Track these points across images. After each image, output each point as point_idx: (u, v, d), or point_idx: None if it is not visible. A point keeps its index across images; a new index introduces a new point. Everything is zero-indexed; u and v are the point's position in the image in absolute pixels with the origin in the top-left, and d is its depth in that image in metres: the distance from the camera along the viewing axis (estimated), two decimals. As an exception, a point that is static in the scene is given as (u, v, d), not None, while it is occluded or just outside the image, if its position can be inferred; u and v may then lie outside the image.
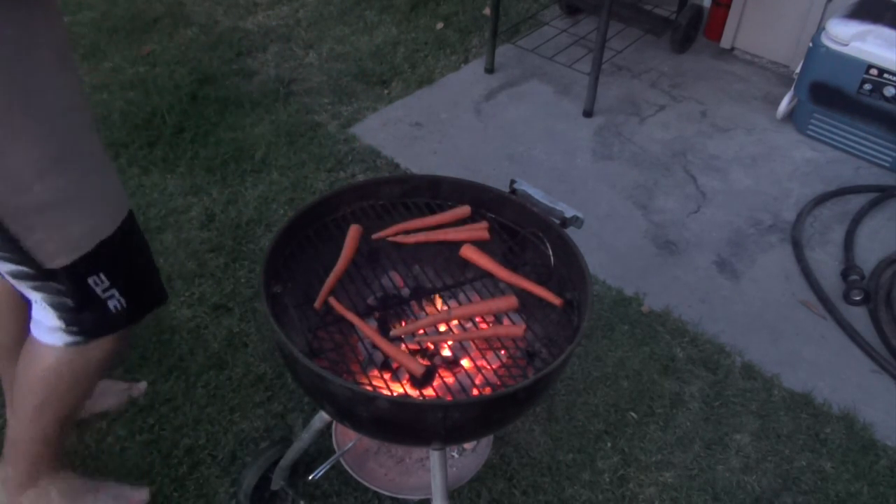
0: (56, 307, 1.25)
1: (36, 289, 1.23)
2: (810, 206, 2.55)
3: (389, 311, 1.34)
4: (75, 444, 1.75)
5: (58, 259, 1.19)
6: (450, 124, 2.87)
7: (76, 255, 1.19)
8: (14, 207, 1.11)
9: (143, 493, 1.64)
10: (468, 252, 1.38)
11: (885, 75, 2.58)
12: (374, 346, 1.26)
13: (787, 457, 1.83)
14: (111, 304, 1.28)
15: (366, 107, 2.92)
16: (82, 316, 1.27)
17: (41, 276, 1.20)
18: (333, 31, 3.36)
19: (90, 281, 1.24)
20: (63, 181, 1.14)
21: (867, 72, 2.61)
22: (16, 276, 1.21)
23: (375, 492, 1.63)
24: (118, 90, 2.89)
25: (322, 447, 1.72)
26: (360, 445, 1.59)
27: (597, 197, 2.58)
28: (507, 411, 1.20)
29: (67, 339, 1.28)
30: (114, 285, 1.27)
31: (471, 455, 1.62)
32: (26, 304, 1.35)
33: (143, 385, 1.85)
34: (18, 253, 1.17)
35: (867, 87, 2.63)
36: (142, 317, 1.35)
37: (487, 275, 1.38)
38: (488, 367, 1.26)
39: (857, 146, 2.77)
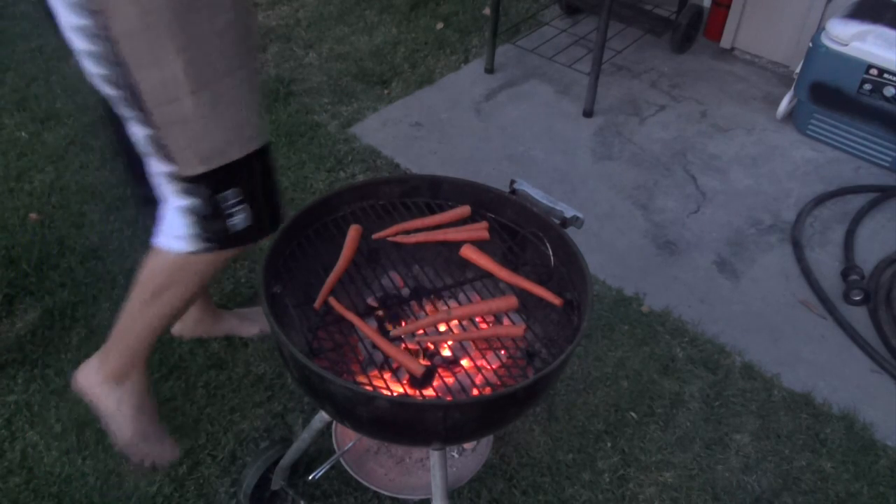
0: (193, 213, 1.34)
1: (183, 191, 1.31)
2: (810, 206, 2.55)
3: (389, 311, 1.34)
4: (76, 444, 1.75)
5: (192, 168, 1.27)
6: (450, 124, 2.87)
7: (207, 168, 1.28)
8: (164, 114, 1.22)
9: (176, 451, 1.73)
10: (468, 252, 1.38)
11: (885, 75, 2.58)
12: (374, 346, 1.26)
13: (787, 457, 1.83)
14: (236, 218, 1.37)
15: (366, 107, 2.92)
16: (213, 225, 1.36)
17: (191, 179, 1.30)
18: (333, 31, 3.36)
19: (227, 193, 1.34)
20: (209, 99, 1.23)
21: (867, 72, 2.61)
22: (170, 176, 1.30)
23: (375, 492, 1.63)
24: (118, 90, 2.89)
25: (322, 447, 1.72)
26: (360, 445, 1.59)
27: (597, 197, 2.58)
28: (507, 411, 1.20)
29: (195, 246, 1.37)
30: (244, 201, 1.37)
31: (471, 455, 1.62)
32: None
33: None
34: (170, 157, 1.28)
35: (867, 87, 2.63)
36: (262, 237, 1.44)
37: (487, 275, 1.38)
38: (488, 367, 1.26)
39: (857, 146, 2.77)
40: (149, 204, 1.45)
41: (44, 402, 1.84)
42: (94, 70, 1.21)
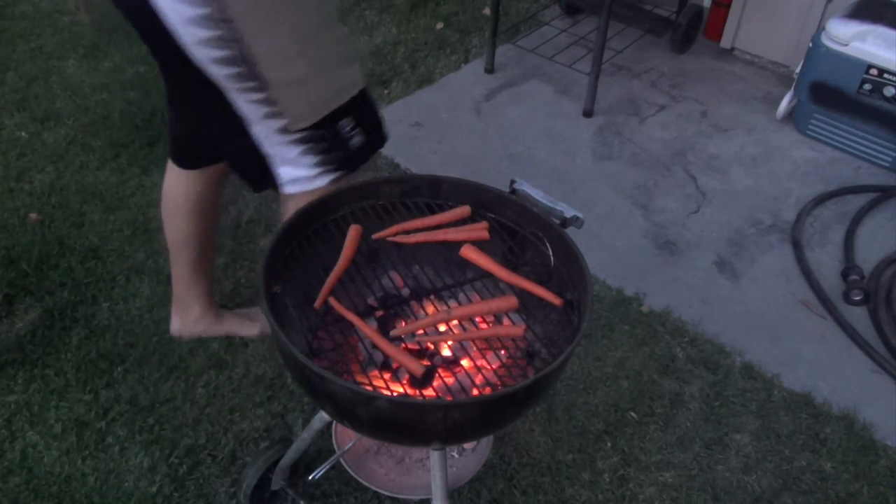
0: (315, 153, 1.44)
1: (299, 140, 1.41)
2: (810, 206, 2.55)
3: (389, 311, 1.34)
4: (76, 444, 1.75)
5: (303, 121, 1.39)
6: (450, 124, 2.87)
7: (315, 119, 1.39)
8: (279, 79, 1.33)
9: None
10: (468, 252, 1.38)
11: (885, 75, 2.58)
12: (374, 346, 1.26)
13: (787, 457, 1.83)
14: (354, 140, 1.49)
15: (366, 107, 2.92)
16: (338, 154, 1.47)
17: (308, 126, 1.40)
18: (333, 31, 3.36)
19: (343, 121, 1.45)
20: (314, 57, 1.36)
21: (867, 72, 2.61)
22: (283, 131, 1.39)
23: (375, 492, 1.64)
24: (118, 90, 2.89)
25: (322, 447, 1.72)
26: (360, 445, 1.59)
27: (597, 197, 2.58)
28: (507, 411, 1.20)
29: (326, 179, 1.47)
30: (357, 125, 1.48)
31: (471, 455, 1.62)
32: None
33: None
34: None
35: (867, 87, 2.63)
36: (372, 154, 1.57)
37: (487, 275, 1.38)
38: (488, 367, 1.26)
39: (857, 146, 2.77)
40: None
41: (44, 402, 1.84)
42: (210, 55, 1.29)
